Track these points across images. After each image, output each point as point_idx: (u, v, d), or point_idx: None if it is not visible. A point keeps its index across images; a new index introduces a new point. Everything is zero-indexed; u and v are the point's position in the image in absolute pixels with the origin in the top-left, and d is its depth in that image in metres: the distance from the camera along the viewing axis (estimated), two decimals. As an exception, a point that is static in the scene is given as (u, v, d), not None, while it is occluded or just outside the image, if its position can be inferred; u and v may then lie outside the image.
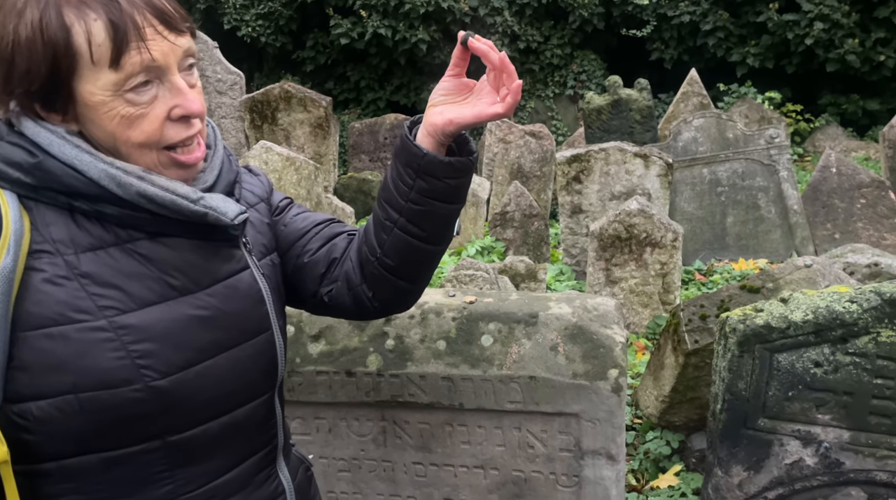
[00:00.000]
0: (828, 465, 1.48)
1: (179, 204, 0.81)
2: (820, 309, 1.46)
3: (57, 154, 0.78)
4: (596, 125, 5.99)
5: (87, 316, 0.77)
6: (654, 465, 2.55)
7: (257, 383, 0.91)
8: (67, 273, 0.78)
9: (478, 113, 0.89)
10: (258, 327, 0.90)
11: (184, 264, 0.84)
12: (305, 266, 1.01)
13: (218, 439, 0.87)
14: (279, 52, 10.90)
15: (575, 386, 1.47)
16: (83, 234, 0.80)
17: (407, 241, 0.94)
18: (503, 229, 5.31)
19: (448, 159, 0.90)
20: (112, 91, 0.77)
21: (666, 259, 3.82)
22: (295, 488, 1.00)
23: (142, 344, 0.78)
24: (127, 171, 0.79)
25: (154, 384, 0.79)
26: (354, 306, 1.02)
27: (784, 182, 5.07)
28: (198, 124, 0.84)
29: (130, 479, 0.82)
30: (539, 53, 10.60)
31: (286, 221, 1.03)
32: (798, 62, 9.51)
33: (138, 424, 0.80)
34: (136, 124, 0.79)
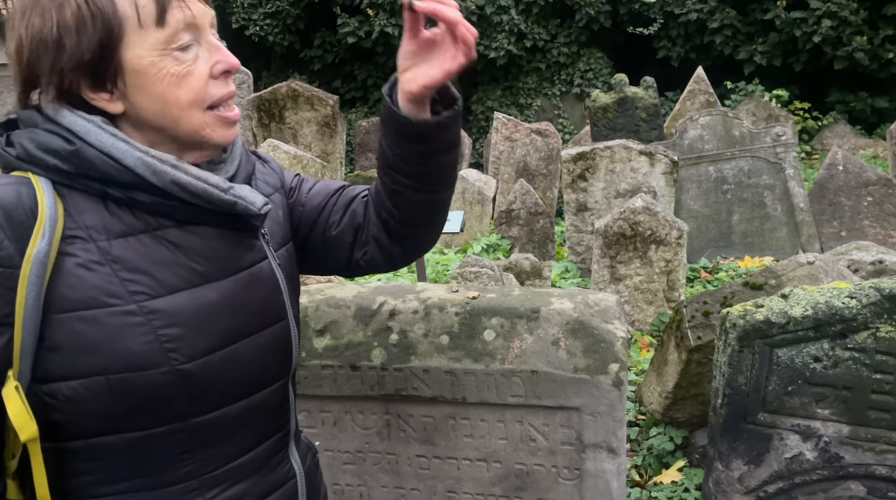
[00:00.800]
0: (827, 459, 1.49)
1: (211, 193, 0.84)
2: (819, 305, 1.47)
3: (94, 142, 0.80)
4: (602, 123, 5.99)
5: (119, 301, 0.80)
6: (658, 461, 2.57)
7: (274, 369, 0.94)
8: (100, 259, 0.80)
9: (445, 69, 0.91)
10: (276, 316, 0.94)
11: (210, 252, 0.87)
12: (334, 238, 1.06)
13: (237, 422, 0.90)
14: (287, 51, 10.94)
15: (576, 380, 1.49)
16: (115, 221, 0.82)
17: (420, 199, 1.00)
18: (509, 227, 5.33)
19: (436, 119, 0.94)
20: (160, 50, 0.80)
21: (671, 257, 3.83)
22: (305, 472, 1.03)
23: (170, 329, 0.81)
24: (162, 159, 0.82)
25: (181, 368, 0.82)
26: (387, 263, 1.09)
27: (790, 180, 5.06)
28: (232, 84, 0.88)
29: (153, 459, 0.85)
30: (546, 52, 10.60)
31: (302, 200, 1.07)
32: (806, 60, 9.47)
33: (164, 406, 0.83)
34: (184, 83, 0.82)
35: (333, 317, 1.60)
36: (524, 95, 10.62)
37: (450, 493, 1.62)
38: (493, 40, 10.18)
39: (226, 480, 0.90)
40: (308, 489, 1.03)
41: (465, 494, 1.61)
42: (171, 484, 0.86)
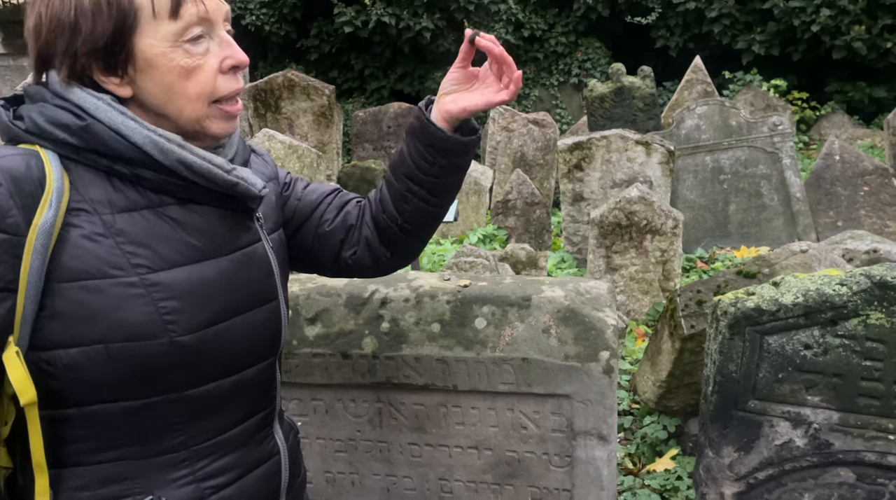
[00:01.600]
0: (817, 446, 1.50)
1: (214, 173, 0.87)
2: (810, 292, 1.47)
3: (104, 119, 0.83)
4: (599, 113, 5.98)
5: (121, 272, 0.82)
6: (651, 449, 2.58)
7: (264, 347, 0.98)
8: (104, 231, 0.83)
9: (487, 100, 1.01)
10: (268, 296, 0.97)
11: (209, 230, 0.90)
12: (326, 234, 1.11)
13: (228, 396, 0.93)
14: (283, 41, 10.89)
15: (567, 368, 1.49)
16: (119, 196, 0.85)
17: (424, 208, 1.08)
18: (505, 217, 5.32)
19: (465, 139, 1.03)
20: (171, 41, 0.83)
21: (666, 246, 3.83)
22: (288, 449, 1.06)
23: (169, 301, 0.84)
24: (169, 139, 0.85)
25: (178, 340, 0.84)
26: (373, 266, 1.14)
27: (787, 170, 5.06)
28: (241, 80, 0.91)
29: (147, 428, 0.88)
30: (543, 41, 10.56)
31: (299, 195, 1.12)
32: (804, 49, 9.44)
33: (160, 376, 0.85)
34: (193, 75, 0.85)
35: (325, 305, 1.60)
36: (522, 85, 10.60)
37: (441, 480, 1.62)
38: (491, 30, 10.13)
39: (214, 452, 0.93)
40: (290, 466, 1.06)
41: (457, 481, 1.62)
42: (161, 454, 0.89)
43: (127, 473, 0.88)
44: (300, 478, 1.12)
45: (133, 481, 0.88)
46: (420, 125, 1.03)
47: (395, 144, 8.48)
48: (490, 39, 0.99)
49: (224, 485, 0.93)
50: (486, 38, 0.99)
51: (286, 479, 1.04)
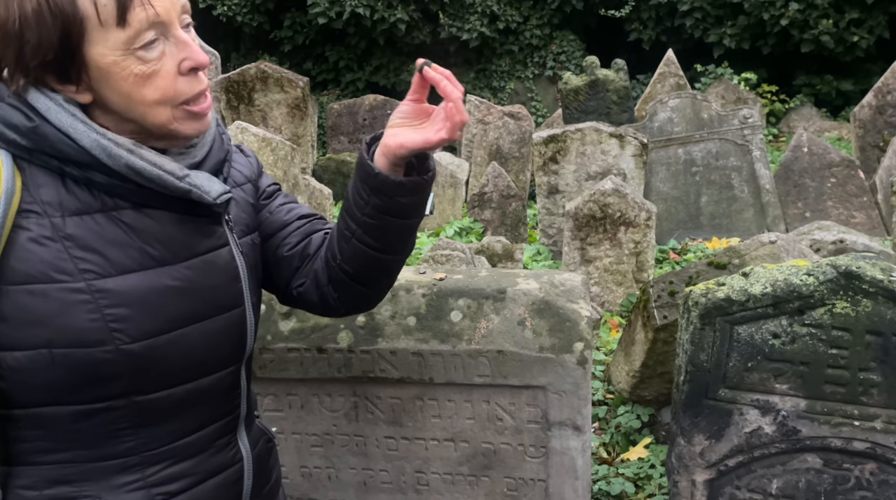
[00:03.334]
0: (785, 433, 1.53)
1: (165, 179, 0.84)
2: (778, 282, 1.50)
3: (53, 120, 0.81)
4: (573, 106, 6.01)
5: (68, 277, 0.81)
6: (625, 438, 2.61)
7: (226, 355, 0.95)
8: (53, 235, 0.81)
9: (425, 138, 0.92)
10: (231, 303, 0.94)
11: (164, 236, 0.87)
12: (283, 258, 1.05)
13: (182, 403, 0.91)
14: (256, 32, 10.75)
15: (542, 360, 1.50)
16: (71, 198, 0.83)
17: (363, 251, 0.98)
18: (481, 210, 5.34)
19: (399, 180, 0.93)
20: (122, 50, 0.80)
21: (640, 238, 3.87)
22: (253, 457, 1.03)
23: (116, 309, 0.82)
24: (118, 143, 0.82)
25: (124, 347, 0.83)
26: (321, 304, 1.06)
27: (757, 162, 5.15)
28: (204, 78, 0.87)
29: (95, 432, 0.86)
30: (518, 34, 10.58)
31: (272, 208, 1.07)
32: (774, 43, 9.60)
33: (107, 382, 0.84)
34: (149, 82, 0.82)
35: (299, 300, 1.59)
36: (497, 78, 10.60)
37: (418, 473, 1.63)
38: (466, 22, 10.11)
39: (167, 458, 0.91)
40: (255, 474, 1.03)
41: (434, 474, 1.63)
42: (111, 458, 0.88)
43: (75, 475, 0.87)
44: (269, 485, 1.09)
45: (81, 483, 0.87)
46: (359, 159, 0.96)
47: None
48: (442, 73, 0.91)
49: (177, 492, 0.92)
50: (438, 71, 0.91)
51: (249, 487, 1.02)
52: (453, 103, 0.89)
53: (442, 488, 1.63)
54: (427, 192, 0.98)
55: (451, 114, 0.89)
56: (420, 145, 0.91)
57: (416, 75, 0.93)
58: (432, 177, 0.97)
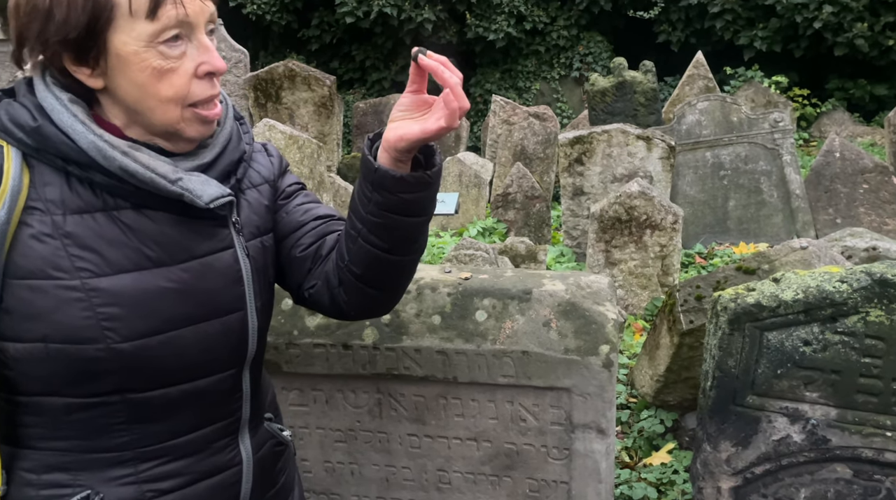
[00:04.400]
0: (814, 442, 1.51)
1: (157, 183, 0.84)
2: (810, 288, 1.47)
3: (56, 120, 0.83)
4: (600, 107, 5.96)
5: (64, 274, 0.82)
6: (648, 443, 2.59)
7: (224, 358, 0.95)
8: (53, 232, 0.83)
9: (422, 128, 0.88)
10: (231, 306, 0.94)
11: (162, 238, 0.88)
12: (296, 260, 1.04)
13: (176, 403, 0.92)
14: (284, 31, 10.84)
15: (566, 361, 1.49)
16: (74, 197, 0.85)
17: (369, 251, 0.95)
18: (505, 211, 5.32)
19: (400, 175, 0.90)
20: (146, 42, 0.81)
21: (665, 242, 3.83)
22: (256, 459, 1.03)
23: (109, 308, 0.83)
24: (113, 145, 0.83)
25: (115, 346, 0.84)
26: (332, 307, 1.04)
27: (787, 166, 5.06)
28: (218, 85, 0.89)
29: (90, 425, 0.89)
30: (545, 34, 10.53)
31: (288, 208, 1.05)
32: (806, 46, 9.42)
33: (99, 378, 0.86)
34: (166, 78, 0.83)
35: (326, 296, 1.60)
36: (523, 79, 10.57)
37: (440, 471, 1.63)
38: (493, 22, 10.09)
39: (161, 456, 0.92)
40: (256, 478, 1.03)
41: (456, 472, 1.63)
42: (105, 451, 0.90)
43: (72, 464, 0.89)
44: (275, 489, 1.09)
45: (76, 472, 0.89)
46: (362, 155, 0.95)
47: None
48: (439, 60, 0.87)
49: (168, 490, 0.93)
50: (434, 59, 0.87)
51: (247, 491, 1.01)
52: (451, 89, 0.86)
53: (464, 487, 1.63)
54: (432, 188, 0.94)
55: (449, 100, 0.86)
56: (418, 136, 0.88)
57: (413, 65, 0.89)
58: (438, 173, 0.94)
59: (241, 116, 1.02)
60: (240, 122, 1.01)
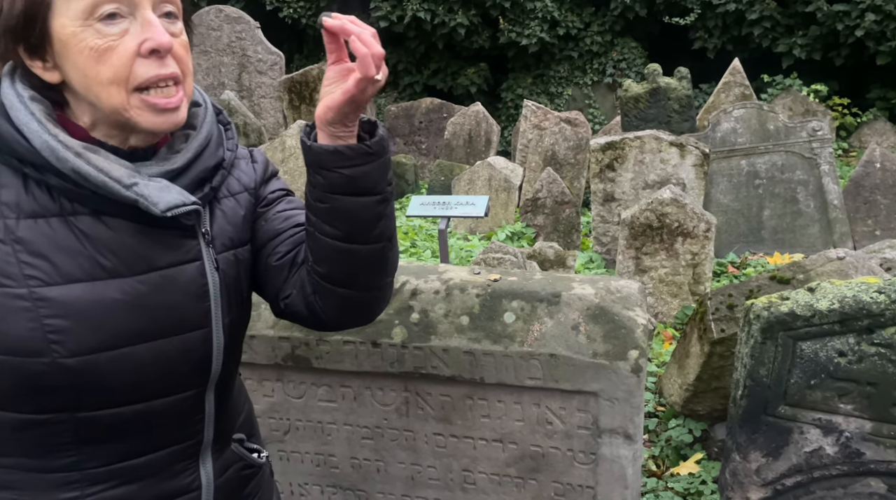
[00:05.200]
0: (848, 455, 1.48)
1: (110, 187, 0.79)
2: (847, 299, 1.45)
3: (13, 118, 0.79)
4: (633, 114, 5.92)
5: (11, 282, 0.78)
6: (676, 452, 2.56)
7: (183, 377, 0.89)
8: (4, 237, 0.78)
9: (344, 90, 0.81)
10: (193, 323, 0.88)
11: (119, 247, 0.82)
12: (273, 269, 0.97)
13: (130, 423, 0.86)
14: (319, 34, 10.97)
15: (595, 365, 1.49)
16: (30, 200, 0.80)
17: (327, 243, 0.89)
18: (534, 216, 5.31)
19: (333, 147, 0.83)
20: (82, 20, 0.77)
21: (697, 250, 3.78)
22: (217, 485, 0.97)
23: (56, 319, 0.78)
24: (67, 145, 0.78)
25: (61, 361, 0.79)
26: (310, 316, 0.96)
27: (825, 176, 4.96)
28: (172, 65, 0.81)
29: (35, 444, 0.84)
30: (578, 40, 10.47)
31: (268, 216, 0.99)
32: (847, 54, 9.21)
33: (45, 394, 0.81)
34: (104, 58, 0.77)
35: (356, 294, 1.62)
36: (555, 84, 10.53)
37: (465, 472, 1.64)
38: (526, 27, 10.09)
39: (111, 479, 0.87)
40: None
41: (481, 473, 1.63)
42: (53, 471, 0.85)
43: (17, 483, 0.85)
44: None
45: (21, 491, 0.85)
46: (301, 140, 0.88)
47: (425, 140, 8.50)
48: (339, 18, 0.81)
49: None
50: (336, 18, 0.81)
51: None
52: (357, 36, 0.79)
53: (489, 488, 1.63)
54: (377, 161, 0.86)
55: (357, 48, 0.78)
56: (341, 98, 0.81)
57: (324, 34, 0.82)
58: (380, 142, 0.86)
59: (227, 121, 0.97)
60: (225, 127, 0.96)
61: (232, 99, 6.29)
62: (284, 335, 1.62)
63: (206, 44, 7.80)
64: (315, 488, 1.75)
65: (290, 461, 1.73)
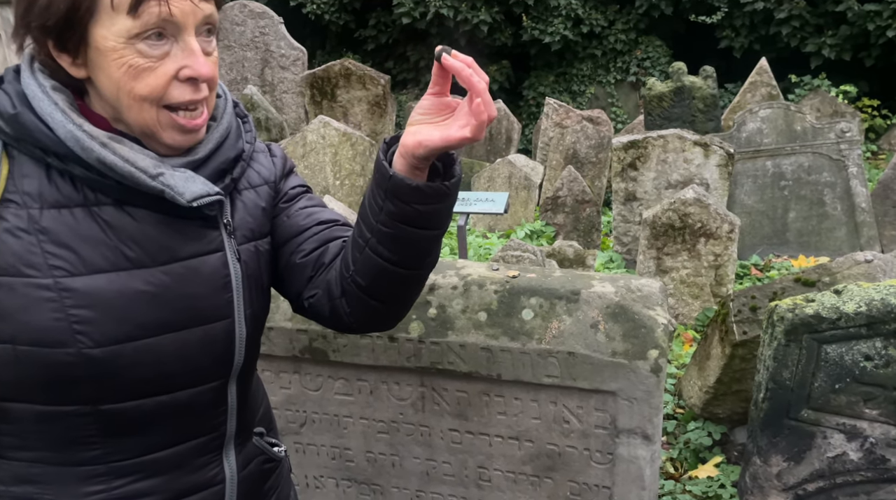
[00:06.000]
0: (872, 461, 1.44)
1: (137, 177, 0.79)
2: (874, 301, 1.41)
3: (36, 108, 0.79)
4: (656, 112, 5.85)
5: (36, 272, 0.78)
6: (695, 455, 2.53)
7: (206, 369, 0.89)
8: (28, 227, 0.78)
9: (444, 136, 0.81)
10: (216, 314, 0.88)
11: (143, 237, 0.82)
12: (297, 266, 0.98)
13: (153, 416, 0.86)
14: (342, 30, 11.02)
15: (613, 364, 1.47)
16: (53, 190, 0.80)
17: (376, 262, 0.89)
18: (554, 214, 5.28)
19: (416, 184, 0.83)
20: (125, 38, 0.77)
21: (720, 251, 3.73)
22: (241, 478, 0.97)
23: (82, 310, 0.78)
24: (92, 135, 0.79)
25: (87, 352, 0.79)
26: (332, 318, 0.97)
27: (853, 178, 4.86)
28: (205, 90, 0.83)
29: (59, 436, 0.84)
30: (602, 38, 10.38)
31: (290, 212, 0.99)
32: (878, 55, 9.02)
33: (70, 386, 0.81)
34: (142, 77, 0.78)
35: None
36: (578, 82, 10.45)
37: (480, 469, 1.63)
38: (549, 25, 10.02)
39: (135, 472, 0.87)
40: (242, 497, 0.98)
41: (496, 471, 1.62)
42: (77, 464, 0.85)
43: (41, 476, 0.84)
44: None
45: (45, 485, 0.85)
46: (376, 159, 0.87)
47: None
48: (464, 61, 0.79)
49: None
50: (459, 59, 0.79)
51: None
52: (480, 97, 0.78)
53: (504, 485, 1.62)
54: (449, 200, 0.87)
55: (478, 111, 0.78)
56: (439, 144, 0.81)
57: (436, 65, 0.82)
58: (456, 184, 0.87)
59: (245, 113, 0.98)
60: (242, 119, 0.96)
61: (254, 94, 6.33)
62: (302, 328, 1.62)
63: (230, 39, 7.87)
64: (330, 481, 1.75)
65: (305, 453, 1.74)
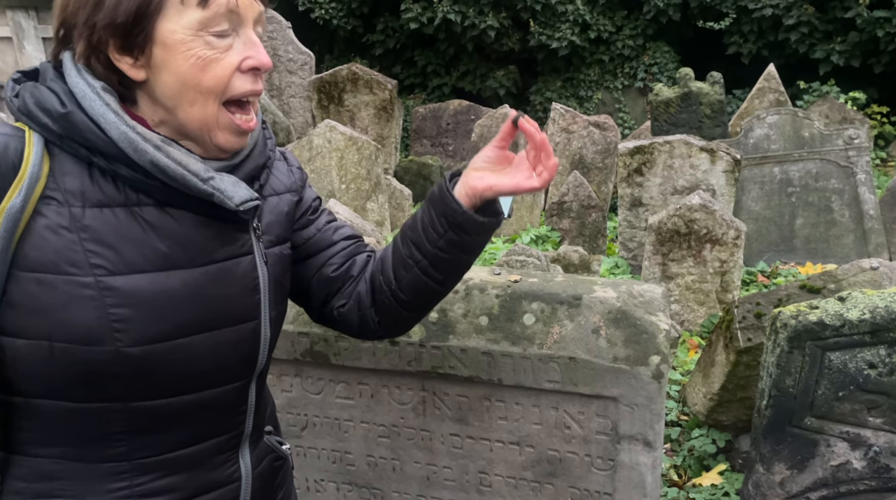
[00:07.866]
0: (876, 470, 1.43)
1: (188, 180, 0.82)
2: (878, 309, 1.40)
3: (87, 108, 0.79)
4: (663, 118, 5.84)
5: (77, 270, 0.79)
6: (698, 462, 2.51)
7: (233, 369, 0.92)
8: (70, 225, 0.79)
9: (516, 183, 0.96)
10: (245, 315, 0.91)
11: (183, 238, 0.84)
12: (327, 278, 1.04)
13: (180, 414, 0.88)
14: (350, 35, 11.06)
15: (615, 370, 1.47)
16: (95, 189, 0.81)
17: (424, 282, 1.01)
18: (559, 219, 5.27)
19: (483, 219, 0.97)
20: (194, 30, 0.80)
21: (726, 257, 3.71)
22: (255, 475, 1.00)
23: (121, 308, 0.80)
24: (145, 138, 0.80)
25: (124, 350, 0.80)
26: (359, 326, 1.07)
27: (861, 185, 4.83)
28: (262, 83, 0.87)
29: (88, 432, 0.85)
30: (610, 44, 10.38)
31: (319, 225, 1.06)
32: (887, 62, 8.98)
33: (103, 383, 0.82)
34: (209, 68, 0.81)
35: (376, 291, 1.62)
36: (585, 88, 10.45)
37: (481, 473, 1.62)
38: (557, 30, 10.03)
39: (158, 469, 0.89)
40: (255, 495, 1.00)
41: (497, 476, 1.62)
42: (101, 461, 0.86)
43: (65, 473, 0.85)
44: None
45: (69, 482, 0.85)
46: (439, 193, 0.98)
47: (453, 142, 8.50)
48: (533, 125, 0.95)
49: None
50: (530, 123, 0.95)
51: None
52: (548, 154, 0.94)
53: (504, 491, 1.62)
54: (491, 234, 1.02)
55: (552, 168, 0.94)
56: (510, 190, 0.96)
57: (507, 124, 0.98)
58: (507, 218, 1.01)
59: (263, 120, 1.00)
60: (263, 127, 0.98)
61: (262, 98, 6.37)
62: (304, 331, 1.62)
63: (239, 43, 7.90)
64: (331, 484, 1.75)
65: (306, 456, 1.74)
